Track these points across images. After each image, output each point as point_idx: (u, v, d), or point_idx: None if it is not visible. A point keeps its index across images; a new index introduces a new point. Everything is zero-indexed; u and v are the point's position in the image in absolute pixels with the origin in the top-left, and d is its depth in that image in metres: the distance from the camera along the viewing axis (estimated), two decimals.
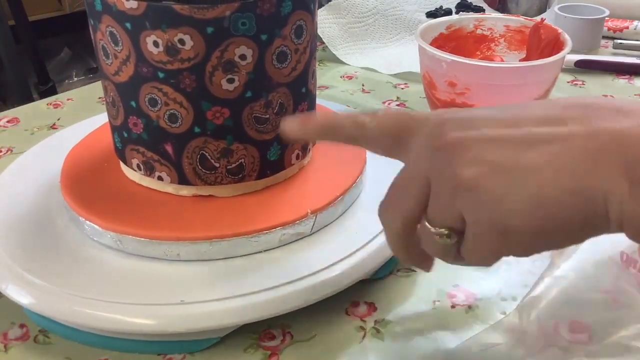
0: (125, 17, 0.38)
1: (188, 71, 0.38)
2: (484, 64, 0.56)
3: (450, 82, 0.57)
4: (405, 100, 0.71)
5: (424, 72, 0.61)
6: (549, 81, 0.57)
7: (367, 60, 0.82)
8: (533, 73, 0.56)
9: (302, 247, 0.41)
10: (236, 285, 0.38)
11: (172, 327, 0.36)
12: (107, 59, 0.41)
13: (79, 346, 0.39)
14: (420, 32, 0.60)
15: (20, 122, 0.66)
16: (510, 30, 0.65)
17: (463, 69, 0.55)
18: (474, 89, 0.56)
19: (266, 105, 0.41)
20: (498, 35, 0.65)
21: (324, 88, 0.74)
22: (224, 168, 0.42)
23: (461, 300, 0.42)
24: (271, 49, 0.40)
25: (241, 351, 0.38)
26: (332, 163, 0.48)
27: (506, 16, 0.68)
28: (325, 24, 0.83)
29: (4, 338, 0.39)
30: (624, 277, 0.40)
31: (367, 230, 0.42)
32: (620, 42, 0.84)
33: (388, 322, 0.40)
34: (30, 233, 0.42)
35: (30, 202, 0.45)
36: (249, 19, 0.38)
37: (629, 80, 0.75)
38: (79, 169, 0.46)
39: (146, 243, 0.40)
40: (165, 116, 0.40)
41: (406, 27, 0.89)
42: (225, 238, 0.40)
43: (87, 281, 0.38)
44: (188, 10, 0.37)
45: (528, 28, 0.63)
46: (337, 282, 0.39)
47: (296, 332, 0.40)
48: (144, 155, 0.42)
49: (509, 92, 0.57)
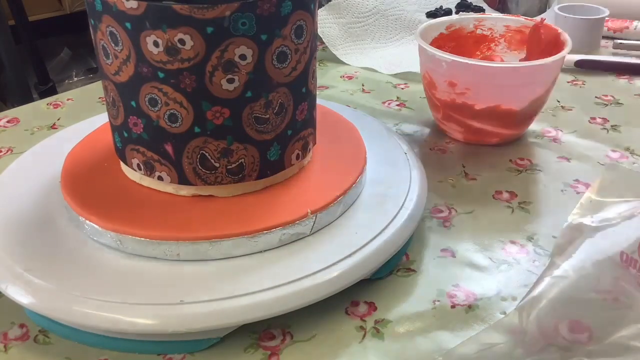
0: (126, 17, 0.38)
1: (188, 71, 0.38)
2: (484, 64, 0.56)
3: (450, 82, 0.57)
4: (405, 101, 0.71)
5: (424, 72, 0.61)
6: (549, 81, 0.57)
7: (367, 60, 0.82)
8: (533, 73, 0.56)
9: (302, 247, 0.41)
10: (236, 285, 0.38)
11: (172, 327, 0.36)
12: (107, 59, 0.41)
13: (79, 346, 0.39)
14: (420, 32, 0.60)
15: (20, 122, 0.66)
16: (510, 30, 0.65)
17: (463, 69, 0.56)
18: (474, 89, 0.56)
19: (266, 105, 0.41)
20: (498, 35, 0.65)
21: (324, 88, 0.74)
22: (224, 168, 0.42)
23: (461, 300, 0.42)
24: (271, 49, 0.40)
25: (241, 351, 0.38)
26: (332, 163, 0.48)
27: (506, 16, 0.68)
28: (325, 24, 0.83)
29: (4, 338, 0.39)
30: (624, 277, 0.40)
31: (367, 230, 0.42)
32: (620, 42, 0.84)
33: (388, 322, 0.40)
34: (30, 233, 0.42)
35: (30, 202, 0.45)
36: (249, 19, 0.38)
37: (629, 80, 0.75)
38: (79, 169, 0.46)
39: (146, 243, 0.40)
40: (165, 116, 0.40)
41: (406, 27, 0.89)
42: (225, 238, 0.40)
43: (87, 281, 0.38)
44: (188, 10, 0.37)
45: (528, 28, 0.63)
46: (337, 282, 0.39)
47: (296, 332, 0.40)
48: (144, 155, 0.42)
49: (509, 92, 0.57)
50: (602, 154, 0.59)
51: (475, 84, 0.56)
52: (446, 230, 0.49)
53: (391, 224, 0.43)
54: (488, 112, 0.57)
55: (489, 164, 0.58)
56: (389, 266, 0.44)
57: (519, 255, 0.46)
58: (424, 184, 0.48)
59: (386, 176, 0.49)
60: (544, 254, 0.46)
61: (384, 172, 0.49)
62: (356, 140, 0.50)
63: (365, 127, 0.54)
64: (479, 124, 0.59)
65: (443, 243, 0.47)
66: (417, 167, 0.50)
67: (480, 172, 0.57)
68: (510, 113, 0.58)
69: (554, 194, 0.54)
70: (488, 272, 0.45)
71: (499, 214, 0.51)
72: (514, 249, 0.47)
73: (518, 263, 0.45)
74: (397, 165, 0.50)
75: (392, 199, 0.46)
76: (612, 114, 0.67)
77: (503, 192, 0.54)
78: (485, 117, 0.58)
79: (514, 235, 0.48)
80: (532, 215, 0.51)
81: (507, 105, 0.57)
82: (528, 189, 0.54)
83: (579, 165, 0.58)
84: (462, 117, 0.59)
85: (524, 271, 0.45)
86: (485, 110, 0.57)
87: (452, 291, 0.43)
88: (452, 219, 0.50)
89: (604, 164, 0.58)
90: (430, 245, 0.47)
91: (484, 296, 0.42)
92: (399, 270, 0.45)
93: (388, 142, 0.53)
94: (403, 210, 0.44)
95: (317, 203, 0.42)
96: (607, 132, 0.64)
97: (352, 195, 0.45)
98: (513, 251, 0.47)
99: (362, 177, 0.46)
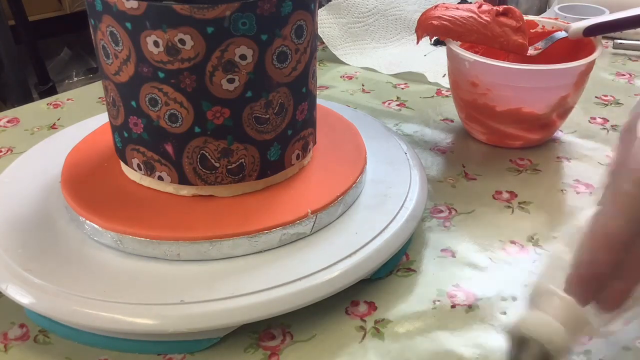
0: (126, 17, 0.38)
1: (188, 71, 0.38)
2: (506, 65, 0.54)
3: (473, 82, 0.57)
4: (405, 101, 0.71)
5: (449, 71, 0.60)
6: (571, 85, 0.56)
7: (367, 60, 0.82)
8: (554, 76, 0.54)
9: (302, 247, 0.41)
10: (236, 285, 0.38)
11: (172, 327, 0.36)
12: (108, 59, 0.41)
13: (79, 346, 0.39)
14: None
15: (20, 122, 0.66)
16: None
17: (484, 70, 0.55)
18: (495, 90, 0.56)
19: (266, 105, 0.41)
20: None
21: (324, 88, 0.74)
22: (224, 168, 0.42)
23: (461, 300, 0.42)
24: (271, 49, 0.40)
25: (241, 351, 0.38)
26: (332, 163, 0.48)
27: (544, 18, 0.65)
28: (325, 24, 0.83)
29: (4, 338, 0.39)
30: None
31: (367, 230, 0.42)
32: (620, 42, 0.84)
33: (388, 322, 0.40)
34: (30, 233, 0.42)
35: (30, 202, 0.45)
36: (249, 19, 0.38)
37: (629, 80, 0.75)
38: (79, 169, 0.46)
39: (146, 243, 0.40)
40: (165, 116, 0.40)
41: (406, 27, 0.89)
42: (225, 238, 0.40)
43: (87, 281, 0.38)
44: (188, 10, 0.37)
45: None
46: (337, 282, 0.39)
47: (296, 332, 0.40)
48: (144, 155, 0.42)
49: (531, 93, 0.55)
50: (602, 154, 0.59)
51: (496, 85, 0.55)
52: (446, 230, 0.49)
53: (391, 224, 0.43)
54: (509, 114, 0.57)
55: (489, 164, 0.58)
56: (389, 266, 0.44)
57: (519, 255, 0.46)
58: (424, 184, 0.48)
59: (386, 176, 0.49)
60: (544, 254, 0.46)
61: (384, 172, 0.49)
62: (356, 140, 0.50)
63: (365, 127, 0.54)
64: (501, 126, 0.58)
65: (443, 243, 0.47)
66: (417, 167, 0.50)
67: (480, 172, 0.57)
68: (533, 116, 0.57)
69: (554, 194, 0.54)
70: (488, 272, 0.45)
71: (499, 214, 0.51)
72: (514, 249, 0.47)
73: (518, 263, 0.45)
74: (397, 165, 0.50)
75: (392, 199, 0.46)
76: (612, 114, 0.67)
77: (503, 192, 0.54)
78: (506, 120, 0.57)
79: (514, 235, 0.48)
80: (532, 215, 0.51)
81: (528, 109, 0.56)
82: (528, 189, 0.54)
83: (579, 165, 0.58)
84: (483, 118, 0.59)
85: (524, 271, 0.45)
86: (506, 113, 0.57)
87: (452, 291, 0.43)
88: (452, 219, 0.50)
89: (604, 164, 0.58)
90: (430, 245, 0.47)
91: (484, 296, 0.42)
92: (399, 270, 0.45)
93: (388, 142, 0.53)
94: (403, 210, 0.44)
95: (317, 203, 0.42)
96: (607, 132, 0.64)
97: (352, 195, 0.45)
98: (513, 251, 0.47)
99: (362, 177, 0.46)
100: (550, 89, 0.55)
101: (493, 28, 0.57)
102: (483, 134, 0.61)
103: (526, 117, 0.57)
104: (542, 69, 0.54)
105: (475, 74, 0.56)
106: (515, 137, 0.59)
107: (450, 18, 0.57)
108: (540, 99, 0.56)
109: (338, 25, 0.84)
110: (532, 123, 0.58)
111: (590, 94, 0.71)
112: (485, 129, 0.60)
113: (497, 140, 0.60)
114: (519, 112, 0.56)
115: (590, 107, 0.69)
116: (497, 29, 0.57)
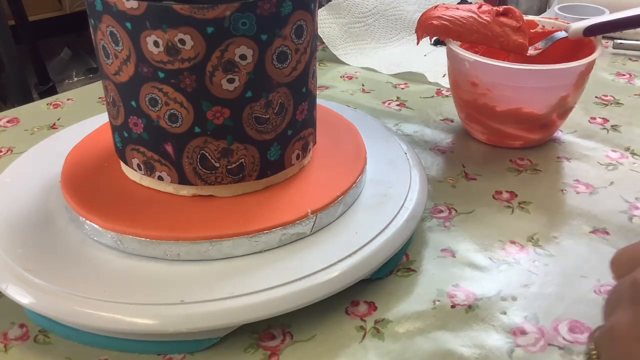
0: (126, 17, 0.38)
1: (188, 71, 0.38)
2: (506, 65, 0.54)
3: (473, 82, 0.57)
4: (405, 101, 0.71)
5: (449, 70, 0.60)
6: (570, 85, 0.56)
7: (367, 60, 0.82)
8: (553, 76, 0.54)
9: (302, 247, 0.41)
10: (236, 285, 0.38)
11: (172, 327, 0.36)
12: (108, 59, 0.41)
13: (79, 346, 0.39)
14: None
15: (20, 122, 0.66)
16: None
17: (484, 70, 0.55)
18: (495, 90, 0.56)
19: (266, 105, 0.41)
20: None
21: (324, 88, 0.74)
22: (224, 168, 0.42)
23: (461, 300, 0.42)
24: (271, 49, 0.40)
25: (241, 351, 0.38)
26: (332, 163, 0.48)
27: (544, 18, 0.65)
28: (325, 24, 0.83)
29: (4, 338, 0.39)
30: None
31: (367, 230, 0.42)
32: (620, 42, 0.84)
33: (388, 322, 0.40)
34: (30, 233, 0.42)
35: (30, 202, 0.45)
36: (249, 19, 0.38)
37: (629, 80, 0.75)
38: (79, 169, 0.46)
39: (146, 243, 0.40)
40: (165, 116, 0.40)
41: (406, 27, 0.89)
42: (225, 238, 0.40)
43: (87, 281, 0.38)
44: (188, 10, 0.37)
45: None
46: (337, 282, 0.39)
47: (296, 332, 0.40)
48: (144, 155, 0.42)
49: (531, 93, 0.55)
50: (602, 154, 0.59)
51: (495, 85, 0.55)
52: (446, 230, 0.49)
53: (391, 224, 0.43)
54: (509, 114, 0.57)
55: (489, 164, 0.58)
56: (389, 266, 0.44)
57: (519, 255, 0.46)
58: (424, 184, 0.48)
59: (386, 176, 0.49)
60: (544, 254, 0.46)
61: (384, 172, 0.49)
62: (356, 140, 0.50)
63: (365, 127, 0.54)
64: (501, 126, 0.58)
65: (443, 243, 0.47)
66: (417, 167, 0.50)
67: (480, 172, 0.57)
68: (533, 116, 0.57)
69: (554, 194, 0.54)
70: (488, 272, 0.45)
71: (499, 214, 0.51)
72: (514, 249, 0.47)
73: (518, 263, 0.45)
74: (397, 165, 0.50)
75: (392, 199, 0.46)
76: (612, 114, 0.67)
77: (503, 192, 0.54)
78: (506, 120, 0.57)
79: (514, 235, 0.48)
80: (532, 215, 0.51)
81: (528, 109, 0.56)
82: (528, 189, 0.54)
83: (579, 165, 0.58)
84: (483, 118, 0.59)
85: (524, 271, 0.45)
86: (506, 113, 0.57)
87: (452, 291, 0.43)
88: (452, 219, 0.50)
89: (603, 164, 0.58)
90: (430, 245, 0.47)
91: (484, 296, 0.42)
92: (399, 270, 0.45)
93: (388, 142, 0.53)
94: (403, 210, 0.44)
95: (317, 203, 0.42)
96: (607, 132, 0.64)
97: (352, 195, 0.45)
98: (513, 251, 0.47)
99: (362, 177, 0.46)
100: (550, 89, 0.55)
101: (493, 28, 0.57)
102: (483, 134, 0.61)
103: (526, 117, 0.57)
104: (542, 69, 0.54)
105: (475, 74, 0.56)
106: (515, 137, 0.59)
107: (450, 18, 0.57)
108: (540, 99, 0.56)
109: (338, 25, 0.84)
110: (532, 123, 0.58)
111: (590, 94, 0.71)
112: (485, 129, 0.60)
113: (497, 140, 0.60)
114: (519, 112, 0.56)
115: (590, 107, 0.69)
116: (497, 29, 0.57)
